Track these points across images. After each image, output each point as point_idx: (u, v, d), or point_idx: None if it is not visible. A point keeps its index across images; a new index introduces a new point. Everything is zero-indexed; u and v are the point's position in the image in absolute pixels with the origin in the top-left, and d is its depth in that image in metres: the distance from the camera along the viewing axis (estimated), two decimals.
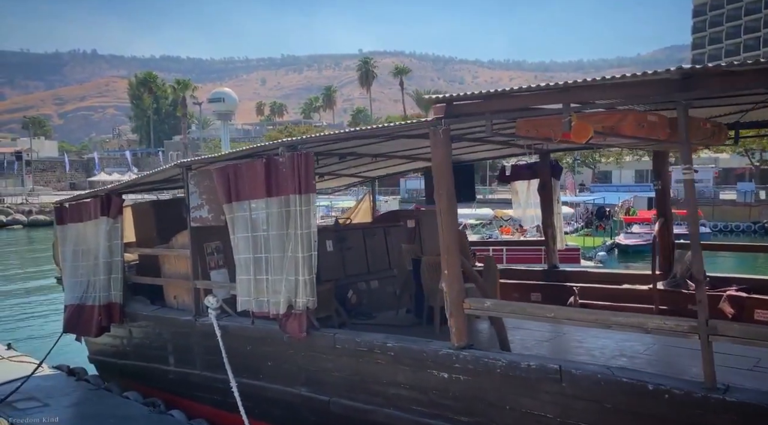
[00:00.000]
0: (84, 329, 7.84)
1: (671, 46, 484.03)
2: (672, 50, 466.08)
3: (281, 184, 5.56)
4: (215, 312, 6.43)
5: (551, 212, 8.82)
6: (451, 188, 4.54)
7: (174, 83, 66.41)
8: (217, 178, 6.09)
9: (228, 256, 7.18)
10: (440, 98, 4.57)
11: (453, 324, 4.50)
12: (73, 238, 8.28)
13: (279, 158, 5.61)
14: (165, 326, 7.15)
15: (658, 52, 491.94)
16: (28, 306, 16.03)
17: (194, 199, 6.69)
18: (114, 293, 7.66)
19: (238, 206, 5.95)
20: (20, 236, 37.98)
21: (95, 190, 8.28)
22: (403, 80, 68.04)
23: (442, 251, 4.60)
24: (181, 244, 7.17)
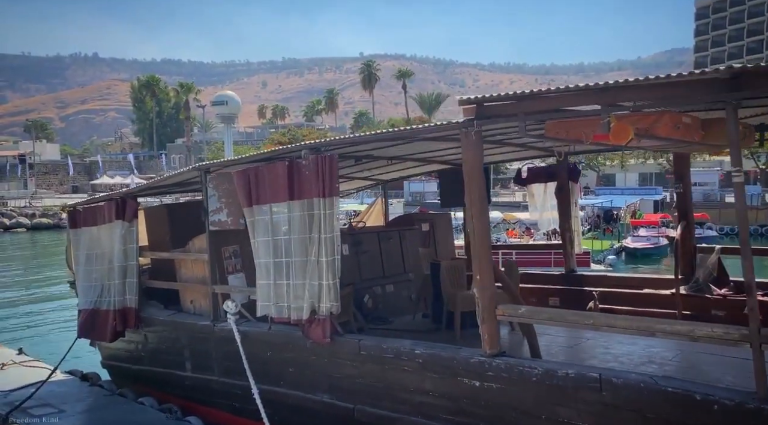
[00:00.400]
0: (98, 334, 7.74)
1: (672, 50, 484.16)
2: (673, 53, 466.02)
3: (304, 187, 5.48)
4: (234, 317, 6.35)
5: (569, 215, 8.72)
6: (483, 191, 4.45)
7: (177, 86, 66.30)
8: (238, 181, 6.00)
9: (245, 260, 7.10)
10: (471, 99, 4.48)
11: (485, 331, 4.40)
12: (86, 242, 8.19)
13: (302, 161, 5.53)
14: (182, 331, 7.05)
15: (658, 55, 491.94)
16: (35, 310, 15.94)
17: (213, 202, 6.60)
18: (129, 298, 7.56)
19: (259, 209, 5.87)
20: (24, 240, 37.90)
21: (110, 193, 8.19)
22: (405, 83, 68.00)
23: (473, 256, 4.51)
24: (198, 248, 7.08)
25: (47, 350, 10.90)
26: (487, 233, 4.44)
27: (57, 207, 45.55)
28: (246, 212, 5.98)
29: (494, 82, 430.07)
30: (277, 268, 5.70)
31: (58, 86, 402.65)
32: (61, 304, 16.91)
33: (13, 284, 20.65)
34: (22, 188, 62.92)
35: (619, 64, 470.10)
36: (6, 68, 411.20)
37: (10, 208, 45.65)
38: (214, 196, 6.58)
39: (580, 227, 9.16)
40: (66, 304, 16.63)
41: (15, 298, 18.01)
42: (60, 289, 18.97)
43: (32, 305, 16.51)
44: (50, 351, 10.85)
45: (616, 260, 21.77)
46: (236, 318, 6.34)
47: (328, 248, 5.33)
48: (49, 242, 36.31)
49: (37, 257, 28.30)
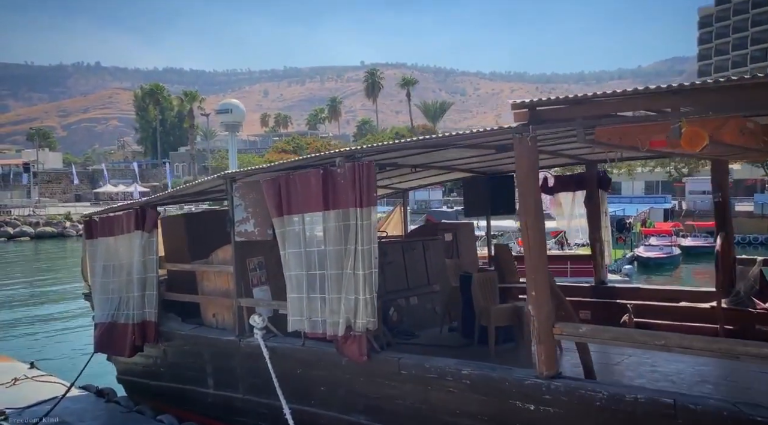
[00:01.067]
0: (116, 348, 7.46)
1: (672, 58, 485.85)
2: (673, 62, 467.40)
3: (339, 196, 5.23)
4: (261, 332, 6.08)
5: (598, 225, 8.46)
6: (538, 200, 4.19)
7: (182, 95, 66.22)
8: (267, 190, 5.76)
9: (270, 272, 6.85)
10: (522, 103, 4.24)
11: (542, 351, 4.12)
12: (103, 253, 7.94)
13: (337, 169, 5.28)
14: (205, 346, 6.78)
15: (659, 63, 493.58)
16: (42, 322, 15.66)
17: (239, 212, 6.35)
18: (148, 311, 7.30)
19: (290, 219, 5.62)
20: (28, 249, 37.60)
21: (129, 202, 7.95)
22: (409, 91, 67.92)
23: (528, 270, 4.24)
24: (222, 259, 6.83)
25: (58, 363, 10.64)
26: (543, 244, 4.18)
27: (61, 216, 45.34)
28: (275, 223, 5.73)
29: (495, 91, 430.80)
30: (310, 281, 5.45)
31: (61, 95, 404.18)
32: (69, 315, 16.65)
33: (18, 295, 20.36)
34: (25, 196, 62.76)
35: (619, 73, 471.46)
36: (9, 77, 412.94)
37: (14, 216, 45.40)
38: (241, 205, 6.33)
39: (610, 237, 8.89)
40: (74, 315, 16.37)
41: (21, 309, 17.73)
42: (67, 300, 18.70)
43: (39, 316, 16.22)
44: (61, 365, 10.60)
45: (632, 271, 21.48)
46: (263, 333, 6.08)
47: (365, 260, 5.07)
48: (54, 251, 36.07)
49: (41, 267, 28.01)
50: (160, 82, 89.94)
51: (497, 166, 8.69)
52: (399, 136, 61.23)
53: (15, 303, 18.58)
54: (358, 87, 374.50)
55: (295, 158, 6.07)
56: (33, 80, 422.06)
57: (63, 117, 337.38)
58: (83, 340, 13.42)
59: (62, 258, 33.15)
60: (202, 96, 65.89)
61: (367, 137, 64.39)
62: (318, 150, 62.51)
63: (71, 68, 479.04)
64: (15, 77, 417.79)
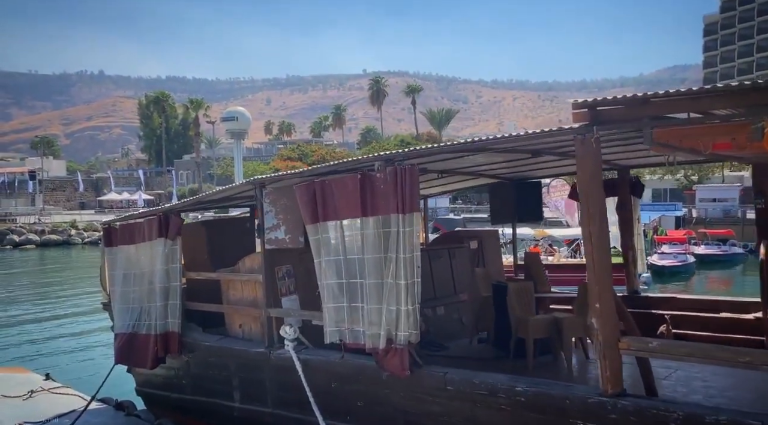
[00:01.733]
0: (138, 360, 7.22)
1: (674, 66, 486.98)
2: (675, 70, 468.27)
3: (379, 202, 5.01)
4: (292, 344, 5.84)
5: (631, 232, 8.20)
6: (603, 207, 3.95)
7: (187, 102, 66.24)
8: (301, 196, 5.53)
9: (299, 281, 6.61)
10: (582, 103, 4.02)
11: (607, 367, 3.86)
12: (123, 261, 7.72)
13: (376, 174, 5.05)
14: (231, 358, 6.52)
15: (661, 71, 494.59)
16: (53, 331, 15.41)
17: (269, 219, 6.12)
18: (171, 322, 7.06)
19: (325, 226, 5.40)
20: (33, 257, 37.39)
21: (150, 209, 7.73)
22: (414, 99, 67.87)
23: (590, 281, 3.99)
24: (250, 268, 6.60)
25: (72, 373, 10.38)
26: (608, 254, 3.93)
27: (66, 224, 45.12)
28: (309, 230, 5.51)
29: (497, 99, 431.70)
30: (347, 290, 5.22)
31: (64, 103, 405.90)
32: (81, 325, 16.41)
33: (26, 304, 20.13)
34: (30, 204, 62.64)
35: (621, 81, 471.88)
36: (13, 86, 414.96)
37: (19, 224, 45.22)
38: (271, 212, 6.10)
39: (642, 245, 8.64)
40: (86, 325, 16.13)
41: (30, 318, 17.48)
42: (77, 309, 18.47)
43: (50, 325, 15.98)
44: (76, 375, 10.34)
45: (651, 280, 21.18)
46: (294, 345, 5.84)
47: (407, 269, 4.84)
48: (60, 259, 35.88)
49: (48, 276, 27.76)
50: (163, 91, 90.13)
51: (524, 172, 8.47)
52: (404, 144, 61.10)
53: (24, 313, 18.33)
54: (360, 95, 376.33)
55: (329, 163, 5.84)
56: (36, 89, 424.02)
57: (66, 125, 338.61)
58: (97, 350, 13.19)
59: (69, 267, 32.94)
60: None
61: (372, 145, 64.22)
62: (323, 158, 62.37)
63: (75, 77, 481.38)
64: (18, 86, 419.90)
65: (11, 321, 16.82)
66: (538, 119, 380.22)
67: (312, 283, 6.79)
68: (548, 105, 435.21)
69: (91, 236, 44.10)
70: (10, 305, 20.00)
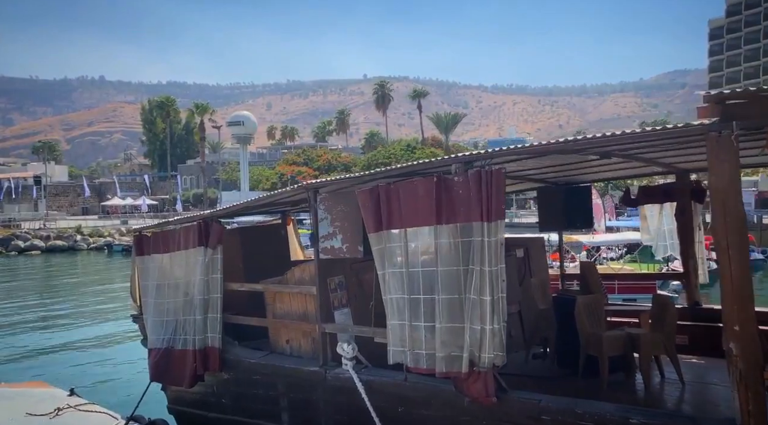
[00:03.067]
0: (174, 377, 6.75)
1: (674, 71, 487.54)
2: (675, 75, 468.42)
3: (457, 208, 4.55)
4: (351, 363, 5.37)
5: (692, 241, 7.75)
6: (741, 215, 3.49)
7: (192, 107, 65.91)
8: (364, 201, 5.08)
9: (351, 293, 6.16)
10: (716, 95, 3.56)
11: (748, 400, 3.38)
12: (156, 271, 7.27)
13: (453, 177, 4.60)
14: (280, 377, 6.05)
15: (660, 76, 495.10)
16: (67, 342, 14.92)
17: (324, 226, 5.67)
18: (211, 336, 6.61)
19: (391, 235, 4.94)
20: (39, 263, 36.86)
21: (188, 216, 7.28)
22: (420, 103, 67.55)
23: (727, 299, 3.52)
24: (299, 279, 6.15)
25: (95, 388, 9.89)
26: (747, 268, 3.47)
27: (72, 229, 44.63)
28: (372, 239, 5.05)
29: (497, 104, 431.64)
30: (413, 306, 4.75)
31: (65, 109, 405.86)
32: (97, 335, 15.91)
33: (36, 313, 19.62)
34: (33, 209, 62.15)
35: (621, 86, 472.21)
36: (14, 91, 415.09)
37: (24, 230, 44.73)
38: (326, 219, 5.65)
39: (704, 253, 8.16)
40: (102, 335, 15.64)
41: (41, 328, 16.99)
42: (91, 318, 17.98)
43: (63, 336, 15.48)
44: (100, 390, 9.86)
45: (681, 287, 20.66)
46: (353, 364, 5.38)
47: (493, 283, 4.38)
48: (65, 265, 35.36)
49: (56, 283, 27.22)
50: (168, 95, 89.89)
51: (573, 176, 8.03)
52: (410, 148, 60.73)
53: (34, 322, 17.84)
54: (361, 100, 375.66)
55: (391, 167, 5.38)
56: (37, 94, 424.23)
57: (67, 130, 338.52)
58: (117, 362, 12.71)
59: (76, 273, 32.45)
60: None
61: (378, 149, 63.81)
62: (329, 162, 61.98)
63: (75, 82, 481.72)
64: (19, 91, 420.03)
65: (20, 330, 16.33)
66: (538, 123, 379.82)
67: (364, 295, 6.35)
68: (548, 110, 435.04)
69: (96, 242, 43.63)
70: (18, 314, 19.50)
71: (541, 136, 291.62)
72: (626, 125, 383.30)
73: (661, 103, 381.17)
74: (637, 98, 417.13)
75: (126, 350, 13.90)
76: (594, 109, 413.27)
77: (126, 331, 16.07)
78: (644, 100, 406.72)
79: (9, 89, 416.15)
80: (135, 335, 14.74)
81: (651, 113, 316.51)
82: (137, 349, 13.29)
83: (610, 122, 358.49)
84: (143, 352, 12.83)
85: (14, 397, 8.04)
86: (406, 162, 48.20)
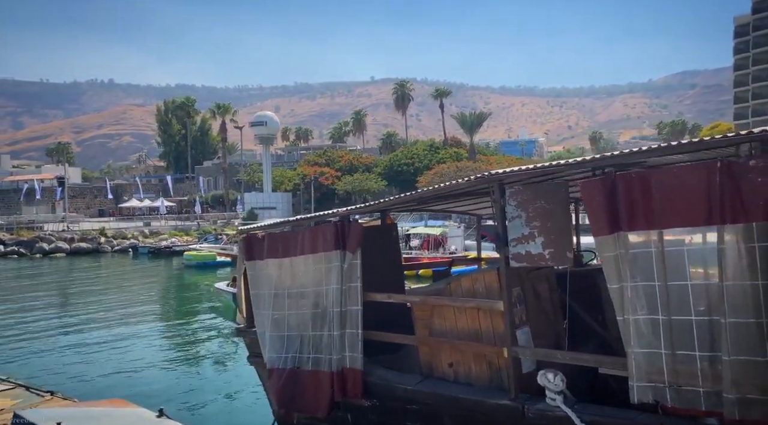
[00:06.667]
0: (306, 404, 5.75)
1: (683, 72, 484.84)
2: (684, 76, 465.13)
3: (751, 202, 3.51)
4: (560, 397, 4.34)
5: None
6: None
7: (214, 108, 65.07)
8: (590, 194, 4.06)
9: (530, 309, 5.13)
10: None
11: None
12: (272, 278, 6.28)
13: (749, 161, 3.54)
14: (448, 408, 5.00)
15: (669, 77, 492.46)
16: (115, 352, 13.97)
17: (516, 227, 4.64)
18: (351, 356, 5.61)
19: (634, 238, 3.91)
20: (64, 266, 35.98)
21: (315, 215, 6.27)
22: (443, 103, 66.47)
23: None
24: (468, 290, 5.12)
25: (179, 405, 8.90)
26: None
27: (95, 231, 43.85)
28: (602, 243, 4.03)
29: (505, 105, 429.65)
30: (680, 330, 3.73)
31: (75, 112, 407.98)
32: (150, 345, 14.93)
33: (77, 320, 18.71)
34: (50, 211, 61.51)
35: (630, 87, 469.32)
36: (24, 95, 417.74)
37: (48, 232, 44.00)
38: (519, 218, 4.63)
39: None
40: (157, 344, 14.71)
41: (83, 337, 16.07)
42: (138, 326, 17.05)
43: (110, 346, 14.53)
44: (185, 409, 8.87)
45: None
46: (562, 398, 4.34)
47: None
48: (94, 269, 34.55)
49: (92, 288, 26.29)
50: (171, 98, 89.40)
51: None
52: (433, 148, 59.60)
53: (77, 329, 16.93)
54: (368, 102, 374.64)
55: (619, 153, 4.35)
56: (48, 97, 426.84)
57: (77, 133, 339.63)
58: (185, 374, 11.75)
59: (108, 276, 31.61)
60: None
61: (401, 149, 62.71)
62: (350, 163, 60.95)
63: (85, 85, 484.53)
64: (30, 94, 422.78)
65: (74, 340, 15.40)
66: (547, 124, 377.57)
67: (542, 311, 5.32)
68: (557, 111, 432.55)
69: (121, 244, 42.83)
70: (62, 319, 18.61)
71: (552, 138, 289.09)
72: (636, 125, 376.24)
73: (671, 104, 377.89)
74: (646, 99, 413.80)
75: (193, 362, 12.93)
76: (603, 110, 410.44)
77: (191, 342, 15.12)
78: (653, 101, 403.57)
79: (20, 93, 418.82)
80: (207, 347, 13.82)
81: (660, 114, 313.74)
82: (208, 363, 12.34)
83: (619, 123, 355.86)
84: (223, 368, 11.71)
85: (101, 418, 7.08)
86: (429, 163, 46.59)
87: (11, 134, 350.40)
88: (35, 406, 7.98)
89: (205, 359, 13.15)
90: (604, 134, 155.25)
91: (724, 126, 72.80)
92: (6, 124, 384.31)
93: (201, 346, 14.50)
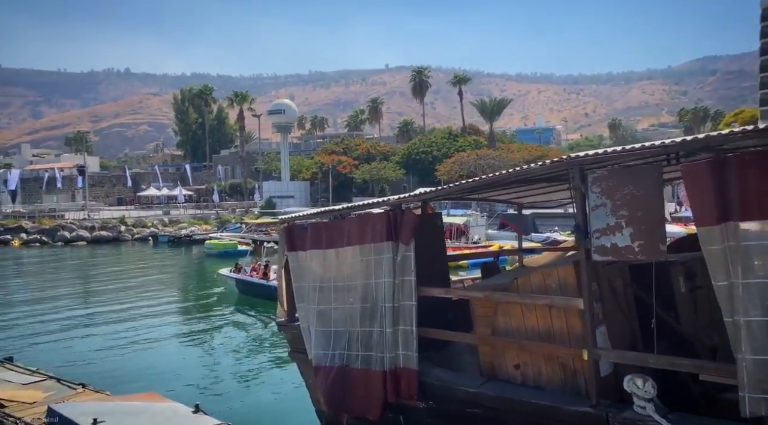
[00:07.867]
0: (357, 405, 5.38)
1: (703, 58, 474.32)
2: (704, 62, 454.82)
3: None
4: (650, 404, 3.90)
5: None
6: None
7: (232, 96, 64.78)
8: (694, 180, 3.60)
9: (607, 307, 4.67)
10: None
11: None
12: (316, 270, 5.89)
13: None
14: (518, 414, 4.59)
15: (689, 63, 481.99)
16: (146, 344, 13.78)
17: (600, 216, 4.17)
18: (405, 354, 5.22)
19: (746, 228, 3.44)
20: (86, 254, 36.14)
21: (365, 203, 5.85)
22: (461, 90, 65.45)
23: None
24: (538, 286, 4.68)
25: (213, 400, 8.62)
26: None
27: (116, 220, 43.99)
28: (707, 234, 3.57)
29: (521, 92, 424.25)
30: None
31: (92, 101, 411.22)
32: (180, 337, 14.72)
33: (107, 310, 18.60)
34: (70, 200, 61.92)
35: (649, 74, 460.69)
36: (42, 84, 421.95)
37: (69, 220, 44.22)
38: (604, 206, 4.16)
39: None
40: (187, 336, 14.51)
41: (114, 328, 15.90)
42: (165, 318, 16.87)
43: (140, 337, 14.34)
44: (219, 404, 8.58)
45: None
46: (653, 407, 3.90)
47: None
48: (116, 257, 34.63)
49: (119, 276, 26.19)
50: (188, 87, 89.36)
51: None
52: (452, 136, 58.76)
53: (101, 319, 16.79)
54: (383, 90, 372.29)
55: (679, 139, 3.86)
56: (65, 87, 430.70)
57: (95, 122, 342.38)
58: (214, 366, 11.50)
59: (129, 264, 31.61)
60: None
61: (420, 137, 61.92)
62: (368, 151, 60.36)
63: (102, 75, 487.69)
64: (48, 84, 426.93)
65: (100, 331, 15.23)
66: (564, 112, 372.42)
67: (618, 308, 4.86)
68: (574, 98, 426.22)
69: (141, 233, 42.93)
70: (87, 309, 18.51)
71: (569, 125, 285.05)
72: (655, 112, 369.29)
73: (691, 91, 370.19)
74: (665, 86, 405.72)
75: (221, 354, 12.67)
76: (621, 97, 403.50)
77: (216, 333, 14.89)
78: (673, 88, 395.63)
79: (38, 82, 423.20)
80: (237, 339, 13.54)
81: (680, 100, 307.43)
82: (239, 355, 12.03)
83: (637, 110, 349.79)
84: (254, 361, 11.34)
85: (138, 413, 6.79)
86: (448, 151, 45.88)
87: (31, 123, 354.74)
88: (67, 399, 7.74)
89: (234, 352, 12.88)
90: (622, 121, 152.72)
91: (748, 112, 70.79)
92: (25, 113, 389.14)
93: (228, 338, 14.24)
